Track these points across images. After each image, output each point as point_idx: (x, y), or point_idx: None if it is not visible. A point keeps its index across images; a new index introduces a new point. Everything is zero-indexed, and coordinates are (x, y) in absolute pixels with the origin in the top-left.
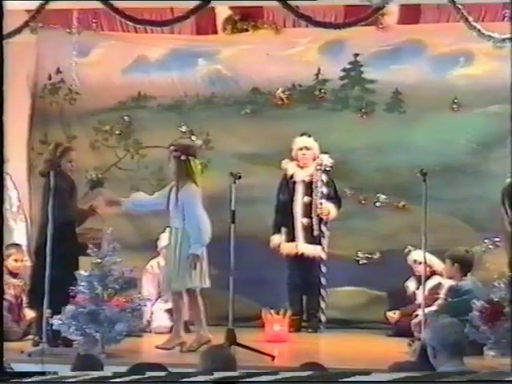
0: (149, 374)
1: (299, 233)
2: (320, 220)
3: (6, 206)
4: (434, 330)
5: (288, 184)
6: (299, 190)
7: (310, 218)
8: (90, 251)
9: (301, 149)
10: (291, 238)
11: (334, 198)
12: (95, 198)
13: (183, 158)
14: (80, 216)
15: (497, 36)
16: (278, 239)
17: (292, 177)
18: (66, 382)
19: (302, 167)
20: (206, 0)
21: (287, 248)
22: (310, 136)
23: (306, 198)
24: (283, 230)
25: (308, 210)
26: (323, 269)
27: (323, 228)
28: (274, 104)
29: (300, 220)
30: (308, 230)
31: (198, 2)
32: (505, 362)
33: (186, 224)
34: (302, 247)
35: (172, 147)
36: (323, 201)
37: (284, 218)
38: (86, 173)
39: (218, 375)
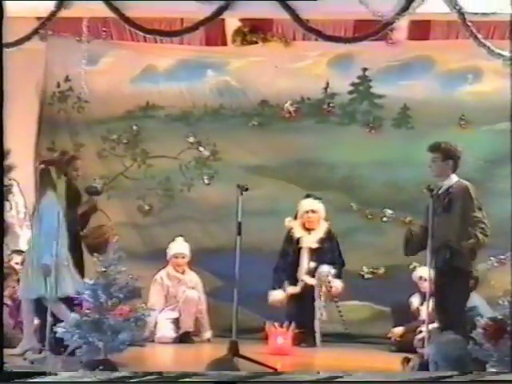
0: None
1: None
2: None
3: (12, 212)
4: (437, 345)
5: (293, 245)
6: (305, 255)
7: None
8: (95, 259)
9: (307, 211)
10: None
11: (338, 259)
12: (89, 205)
13: (43, 167)
14: (83, 217)
15: (506, 54)
16: (279, 295)
17: (298, 241)
18: (67, 381)
19: (308, 230)
20: (222, 9)
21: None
22: (316, 198)
23: (312, 264)
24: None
25: (313, 271)
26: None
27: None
28: (282, 117)
29: (305, 279)
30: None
31: (208, 13)
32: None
33: (41, 232)
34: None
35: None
36: (332, 284)
37: (287, 278)
38: (92, 181)
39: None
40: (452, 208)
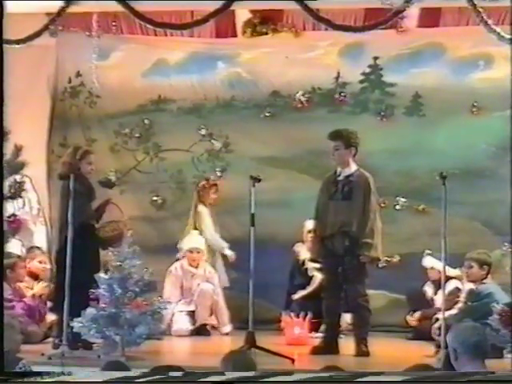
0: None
1: None
2: None
3: (25, 208)
4: (455, 332)
5: (299, 267)
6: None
7: None
8: (110, 253)
9: (309, 231)
10: None
11: None
12: (103, 199)
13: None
14: (97, 210)
15: None
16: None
17: (304, 263)
18: (67, 382)
19: None
20: (232, 0)
21: None
22: None
23: None
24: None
25: None
26: None
27: None
28: (294, 107)
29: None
30: None
31: (219, 5)
32: None
33: None
34: None
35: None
36: None
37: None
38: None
39: (233, 375)
40: (352, 196)
